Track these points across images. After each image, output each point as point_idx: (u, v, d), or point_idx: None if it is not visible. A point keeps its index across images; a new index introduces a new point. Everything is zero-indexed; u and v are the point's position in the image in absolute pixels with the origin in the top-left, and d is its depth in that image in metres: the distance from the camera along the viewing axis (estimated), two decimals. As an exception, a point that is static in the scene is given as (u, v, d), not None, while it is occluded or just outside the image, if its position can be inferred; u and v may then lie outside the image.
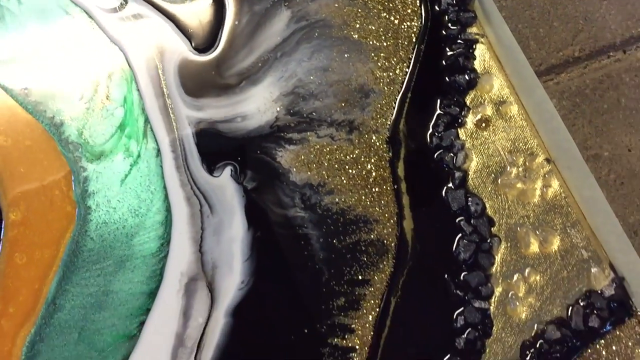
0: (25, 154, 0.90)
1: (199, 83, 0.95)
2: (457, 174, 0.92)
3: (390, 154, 0.93)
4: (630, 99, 1.05)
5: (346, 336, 0.85)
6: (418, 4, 0.99)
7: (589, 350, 0.85)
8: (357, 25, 0.97)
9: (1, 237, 0.86)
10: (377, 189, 0.91)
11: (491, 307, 0.86)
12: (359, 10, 0.98)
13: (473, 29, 0.99)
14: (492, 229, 0.90)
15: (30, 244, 0.86)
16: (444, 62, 0.97)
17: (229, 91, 0.94)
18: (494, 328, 0.86)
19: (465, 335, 0.85)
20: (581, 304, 0.86)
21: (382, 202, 0.91)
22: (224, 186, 0.91)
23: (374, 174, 0.92)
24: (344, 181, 0.92)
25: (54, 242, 0.87)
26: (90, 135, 0.92)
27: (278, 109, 0.94)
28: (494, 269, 0.88)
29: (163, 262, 0.87)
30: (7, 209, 0.87)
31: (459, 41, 0.98)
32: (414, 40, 0.98)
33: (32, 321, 0.83)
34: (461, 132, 0.94)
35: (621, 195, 1.01)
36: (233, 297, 0.86)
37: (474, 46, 0.98)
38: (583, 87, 1.07)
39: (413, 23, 0.99)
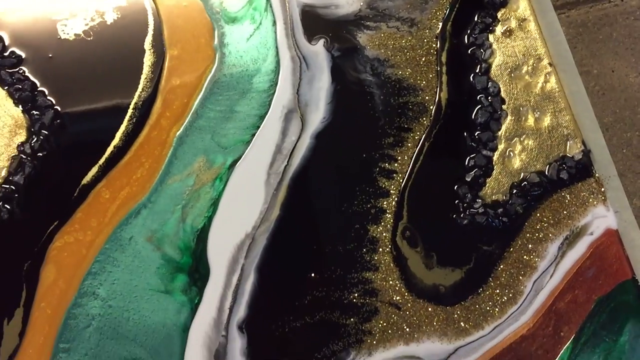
0: (182, 12, 1.18)
1: (307, -22, 1.22)
2: (484, 65, 1.18)
3: (438, 45, 1.20)
4: (620, 34, 1.30)
5: (391, 163, 1.13)
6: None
7: (558, 193, 1.13)
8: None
9: (165, 65, 1.15)
10: (425, 69, 1.18)
11: (494, 157, 1.14)
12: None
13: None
14: (502, 105, 1.17)
15: (183, 72, 1.15)
16: (485, -15, 1.23)
17: (328, -14, 1.22)
18: (493, 171, 1.14)
19: (473, 172, 1.13)
20: (557, 163, 1.14)
21: (428, 78, 1.18)
22: (318, 52, 1.18)
23: (424, 58, 1.19)
24: (402, 60, 1.19)
25: (199, 73, 1.15)
26: (227, 5, 1.19)
27: (361, 3, 1.21)
28: (500, 133, 1.15)
29: (271, 97, 1.15)
30: (169, 47, 1.16)
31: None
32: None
33: (180, 123, 1.13)
34: (491, 37, 1.20)
35: (601, 102, 1.27)
36: (317, 127, 1.14)
37: (509, -24, 1.24)
38: (586, 22, 1.32)
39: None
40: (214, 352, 1.01)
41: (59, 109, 1.09)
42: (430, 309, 1.05)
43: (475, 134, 1.13)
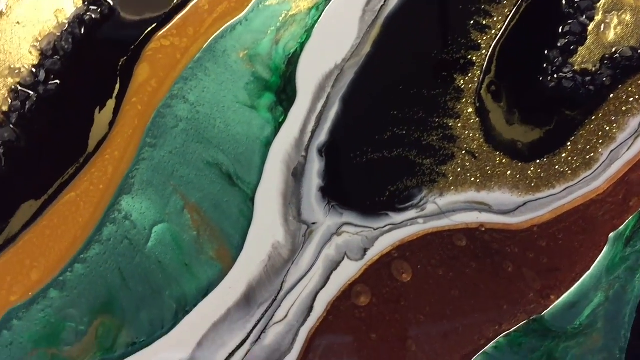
0: None
1: None
2: None
3: None
4: None
5: (487, 18, 1.09)
6: None
7: (647, 71, 1.10)
8: None
9: None
10: None
11: (589, 26, 1.10)
12: None
13: None
14: (605, -22, 1.12)
15: None
16: None
17: None
18: (587, 40, 1.10)
19: (566, 38, 1.09)
20: (652, 41, 1.10)
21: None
22: None
23: None
24: None
25: None
26: None
27: None
28: (599, 4, 1.11)
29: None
30: None
31: None
32: None
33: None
34: None
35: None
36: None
37: None
38: None
39: None
40: (292, 170, 1.01)
41: None
42: (505, 162, 1.04)
43: (574, 1, 1.08)
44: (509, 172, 1.02)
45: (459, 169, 1.02)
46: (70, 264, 0.95)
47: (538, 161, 1.03)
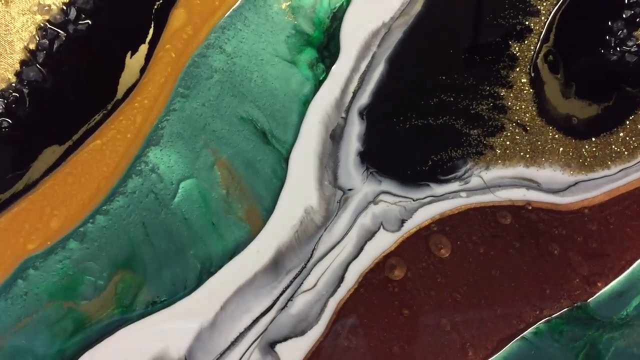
0: None
1: None
2: None
3: None
4: None
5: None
6: None
7: None
8: None
9: None
10: None
11: (659, -2, 1.02)
12: None
13: None
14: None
15: None
16: None
17: None
18: (654, 13, 1.02)
19: (632, 10, 1.00)
20: None
21: None
22: None
23: None
24: None
25: None
26: None
27: None
28: (670, -25, 1.03)
29: None
30: None
31: None
32: None
33: None
34: None
35: None
36: None
37: None
38: None
39: None
40: (331, 131, 0.95)
41: None
42: (558, 137, 0.96)
43: (644, -30, 1.00)
44: (561, 149, 0.95)
45: (508, 142, 0.95)
46: (92, 214, 0.89)
47: (594, 139, 0.96)
